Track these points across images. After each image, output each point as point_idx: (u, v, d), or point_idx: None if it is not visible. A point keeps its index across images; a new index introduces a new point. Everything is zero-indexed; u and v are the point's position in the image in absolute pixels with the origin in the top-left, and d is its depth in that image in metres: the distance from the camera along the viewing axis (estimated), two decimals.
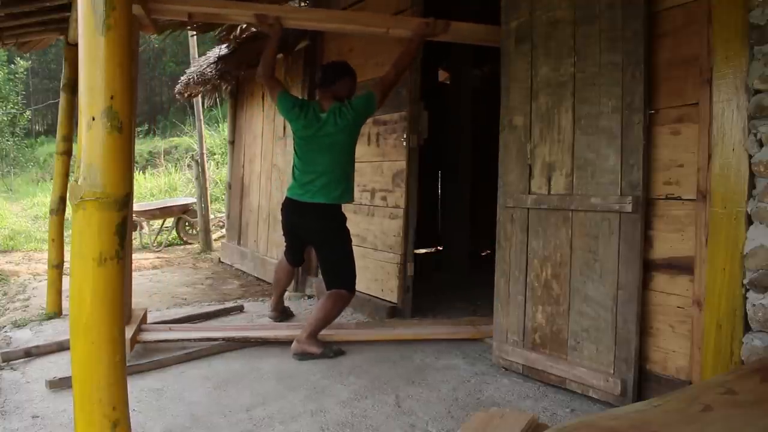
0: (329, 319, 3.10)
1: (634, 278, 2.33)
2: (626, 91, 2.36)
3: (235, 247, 6.16)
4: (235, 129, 6.43)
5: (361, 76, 4.07)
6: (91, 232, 1.46)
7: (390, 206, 3.82)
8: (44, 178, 16.55)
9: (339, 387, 2.61)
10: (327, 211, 3.17)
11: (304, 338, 3.00)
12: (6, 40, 4.02)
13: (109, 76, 1.44)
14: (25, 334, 3.44)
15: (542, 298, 2.66)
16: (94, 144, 1.45)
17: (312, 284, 4.53)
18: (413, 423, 2.25)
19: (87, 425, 1.48)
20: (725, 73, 2.03)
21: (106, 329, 1.47)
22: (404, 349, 3.11)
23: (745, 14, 1.95)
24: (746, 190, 1.95)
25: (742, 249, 1.96)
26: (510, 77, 2.87)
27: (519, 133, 2.81)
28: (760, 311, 1.90)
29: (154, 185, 12.94)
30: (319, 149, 3.13)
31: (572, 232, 2.55)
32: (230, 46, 5.52)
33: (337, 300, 3.12)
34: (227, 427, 2.21)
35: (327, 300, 3.12)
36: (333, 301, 3.11)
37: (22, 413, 2.30)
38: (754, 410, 1.35)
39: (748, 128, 1.95)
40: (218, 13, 3.05)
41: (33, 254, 7.37)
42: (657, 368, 2.33)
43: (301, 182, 3.17)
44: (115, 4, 1.44)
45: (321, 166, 3.13)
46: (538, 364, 2.65)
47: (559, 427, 1.42)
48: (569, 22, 2.59)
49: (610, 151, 2.41)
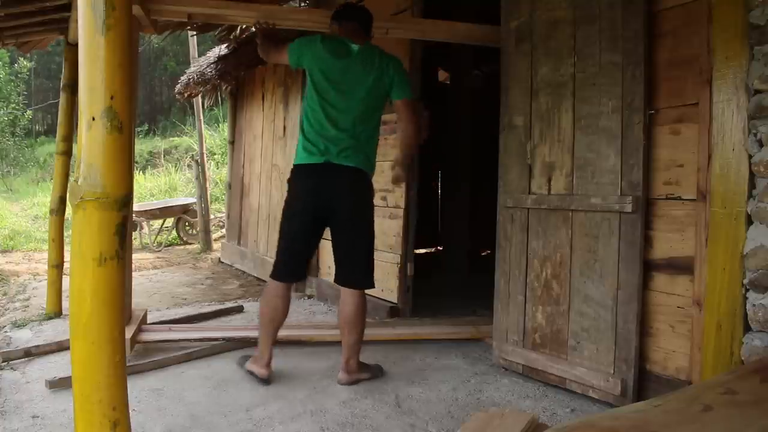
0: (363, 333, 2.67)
1: (634, 278, 2.33)
2: (626, 91, 2.36)
3: (235, 247, 6.16)
4: (235, 129, 6.43)
5: None
6: (91, 232, 1.46)
7: (390, 206, 3.82)
8: (44, 178, 16.54)
9: (339, 387, 2.60)
10: (365, 180, 2.62)
11: (354, 367, 2.63)
12: (6, 40, 4.02)
13: (109, 76, 1.44)
14: (25, 334, 3.44)
15: (542, 298, 2.66)
16: (94, 144, 1.45)
17: (312, 284, 4.53)
18: (413, 423, 2.25)
19: (87, 425, 1.48)
20: (725, 73, 2.03)
21: (106, 329, 1.47)
22: (404, 349, 3.11)
23: (745, 14, 1.95)
24: (746, 190, 1.95)
25: (742, 249, 1.96)
26: (510, 77, 2.87)
27: (519, 133, 2.81)
28: (760, 311, 1.90)
29: (154, 185, 12.94)
30: (351, 95, 2.56)
31: (572, 232, 2.55)
32: (230, 46, 5.52)
33: (366, 306, 2.65)
34: (227, 427, 2.21)
35: (359, 310, 2.61)
36: (364, 310, 2.63)
37: (22, 413, 2.30)
38: (754, 410, 1.35)
39: (748, 128, 1.95)
40: (218, 14, 3.05)
41: (33, 254, 7.37)
42: (657, 368, 2.33)
43: (325, 141, 2.52)
44: (115, 4, 1.44)
45: (354, 117, 2.56)
46: (538, 364, 2.65)
47: (559, 427, 1.42)
48: (569, 22, 2.59)
49: (610, 151, 2.41)
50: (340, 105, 2.56)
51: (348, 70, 2.57)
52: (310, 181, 2.55)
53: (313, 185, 2.55)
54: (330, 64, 2.56)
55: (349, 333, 2.62)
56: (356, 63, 2.58)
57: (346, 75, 2.57)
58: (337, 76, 2.56)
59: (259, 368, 2.62)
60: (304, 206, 2.57)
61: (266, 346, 2.64)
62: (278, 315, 2.64)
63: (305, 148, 2.56)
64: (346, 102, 2.56)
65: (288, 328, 3.35)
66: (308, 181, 2.56)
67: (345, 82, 2.56)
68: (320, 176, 2.53)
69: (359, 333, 2.63)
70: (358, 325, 2.62)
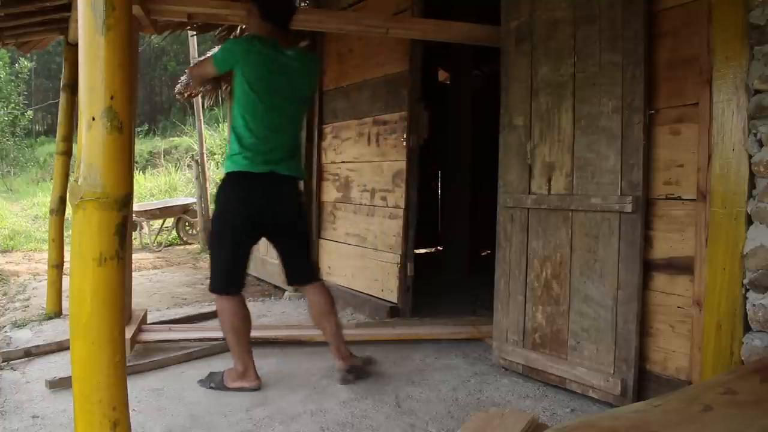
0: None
1: (634, 278, 2.33)
2: (626, 91, 2.36)
3: None
4: None
5: (361, 75, 4.09)
6: (91, 232, 1.46)
7: (390, 206, 3.82)
8: (44, 178, 16.53)
9: (339, 387, 2.61)
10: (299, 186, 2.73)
11: (347, 353, 2.68)
12: (6, 40, 4.02)
13: (109, 76, 1.44)
14: (25, 334, 3.44)
15: (542, 298, 2.66)
16: (94, 144, 1.45)
17: None
18: (413, 423, 2.25)
19: (87, 425, 1.48)
20: (725, 73, 2.03)
21: (106, 329, 1.47)
22: (404, 349, 3.11)
23: (745, 14, 1.94)
24: (746, 190, 1.95)
25: (742, 249, 1.96)
26: (510, 77, 2.87)
27: (519, 133, 2.81)
28: (760, 311, 1.90)
29: (154, 185, 12.94)
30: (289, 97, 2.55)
31: (572, 232, 2.55)
32: None
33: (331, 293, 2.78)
34: (227, 427, 2.21)
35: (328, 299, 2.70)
36: (332, 297, 2.75)
37: (22, 413, 2.30)
38: (754, 410, 1.34)
39: (748, 128, 1.95)
40: (218, 14, 3.05)
41: (33, 254, 7.37)
42: (657, 368, 2.33)
43: (267, 148, 2.49)
44: (115, 4, 1.44)
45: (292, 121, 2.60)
46: (538, 364, 2.65)
47: (559, 427, 1.42)
48: (569, 22, 2.58)
49: (610, 151, 2.41)
50: (279, 108, 2.52)
51: (284, 71, 2.52)
52: (254, 193, 2.48)
53: (257, 196, 2.48)
54: (267, 65, 2.48)
55: (328, 323, 2.70)
56: (290, 62, 2.54)
57: (282, 76, 2.51)
58: (275, 78, 2.50)
59: (249, 382, 2.56)
60: (248, 217, 2.50)
61: (249, 356, 2.59)
62: (249, 323, 2.64)
63: (245, 156, 2.46)
64: (284, 105, 2.54)
65: (288, 328, 3.36)
66: (252, 193, 2.48)
67: (281, 83, 2.51)
68: (264, 186, 2.48)
69: (337, 320, 2.73)
70: (333, 314, 2.71)
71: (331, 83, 4.45)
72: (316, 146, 4.55)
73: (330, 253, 4.39)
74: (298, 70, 2.55)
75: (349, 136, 4.23)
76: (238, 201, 2.49)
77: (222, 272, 2.58)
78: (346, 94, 4.27)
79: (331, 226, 4.41)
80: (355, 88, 4.17)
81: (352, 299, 4.07)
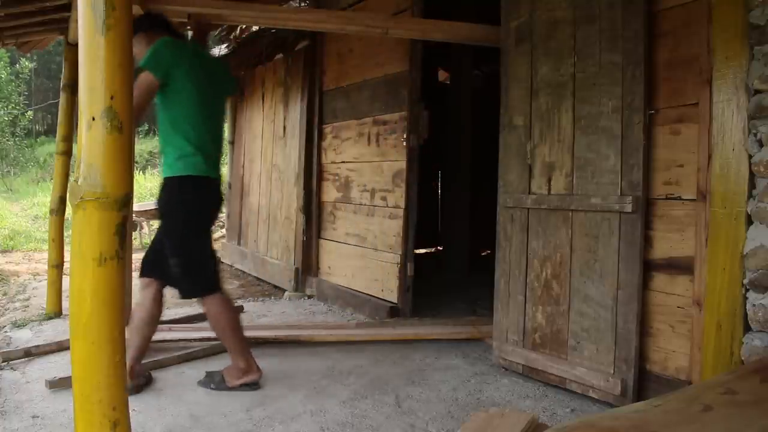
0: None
1: (634, 278, 2.33)
2: (626, 91, 2.36)
3: (235, 247, 6.16)
4: (235, 129, 6.43)
5: (361, 75, 4.10)
6: (91, 232, 1.46)
7: (390, 206, 3.82)
8: (44, 178, 16.52)
9: (339, 387, 2.61)
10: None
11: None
12: (6, 40, 4.02)
13: (109, 76, 1.44)
14: (25, 334, 3.44)
15: (542, 298, 2.66)
16: (94, 144, 1.45)
17: (312, 284, 4.53)
18: (413, 423, 2.25)
19: (87, 425, 1.48)
20: (725, 73, 2.03)
21: (106, 329, 1.47)
22: (404, 349, 3.11)
23: (745, 14, 1.95)
24: (746, 190, 1.95)
25: (742, 249, 1.96)
26: (510, 77, 2.87)
27: (519, 133, 2.81)
28: (760, 311, 1.90)
29: (154, 185, 12.91)
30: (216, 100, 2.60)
31: (572, 232, 2.55)
32: (230, 46, 5.52)
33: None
34: (227, 427, 2.21)
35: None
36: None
37: (22, 413, 2.30)
38: (754, 410, 1.35)
39: (748, 128, 1.95)
40: (218, 14, 3.05)
41: (33, 254, 7.37)
42: (657, 368, 2.33)
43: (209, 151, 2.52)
44: (115, 4, 1.44)
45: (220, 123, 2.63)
46: (538, 364, 2.65)
47: (559, 427, 1.42)
48: (569, 22, 2.59)
49: (610, 151, 2.41)
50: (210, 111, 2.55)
51: (211, 74, 2.55)
52: (212, 195, 2.58)
53: (213, 199, 2.60)
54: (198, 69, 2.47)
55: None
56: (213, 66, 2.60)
57: (211, 79, 2.53)
58: (207, 81, 2.50)
59: (253, 375, 2.56)
60: (209, 219, 2.62)
61: (247, 351, 2.60)
62: (239, 319, 2.67)
63: (197, 159, 2.46)
64: (214, 108, 2.59)
65: (288, 328, 3.36)
66: (211, 195, 2.57)
67: (211, 86, 2.52)
68: (213, 190, 2.58)
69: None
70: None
71: (331, 83, 4.46)
72: (316, 146, 4.56)
73: (330, 253, 4.39)
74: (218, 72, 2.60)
75: (349, 136, 4.23)
76: (200, 205, 2.53)
77: (202, 273, 2.56)
78: (346, 94, 4.27)
79: (331, 226, 4.41)
80: (355, 88, 4.17)
81: (352, 299, 4.07)
